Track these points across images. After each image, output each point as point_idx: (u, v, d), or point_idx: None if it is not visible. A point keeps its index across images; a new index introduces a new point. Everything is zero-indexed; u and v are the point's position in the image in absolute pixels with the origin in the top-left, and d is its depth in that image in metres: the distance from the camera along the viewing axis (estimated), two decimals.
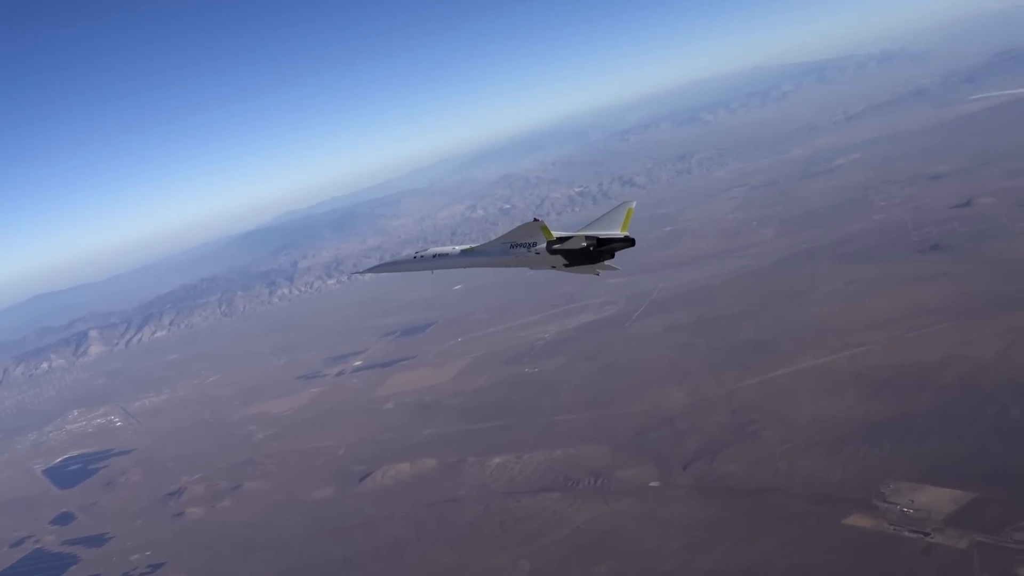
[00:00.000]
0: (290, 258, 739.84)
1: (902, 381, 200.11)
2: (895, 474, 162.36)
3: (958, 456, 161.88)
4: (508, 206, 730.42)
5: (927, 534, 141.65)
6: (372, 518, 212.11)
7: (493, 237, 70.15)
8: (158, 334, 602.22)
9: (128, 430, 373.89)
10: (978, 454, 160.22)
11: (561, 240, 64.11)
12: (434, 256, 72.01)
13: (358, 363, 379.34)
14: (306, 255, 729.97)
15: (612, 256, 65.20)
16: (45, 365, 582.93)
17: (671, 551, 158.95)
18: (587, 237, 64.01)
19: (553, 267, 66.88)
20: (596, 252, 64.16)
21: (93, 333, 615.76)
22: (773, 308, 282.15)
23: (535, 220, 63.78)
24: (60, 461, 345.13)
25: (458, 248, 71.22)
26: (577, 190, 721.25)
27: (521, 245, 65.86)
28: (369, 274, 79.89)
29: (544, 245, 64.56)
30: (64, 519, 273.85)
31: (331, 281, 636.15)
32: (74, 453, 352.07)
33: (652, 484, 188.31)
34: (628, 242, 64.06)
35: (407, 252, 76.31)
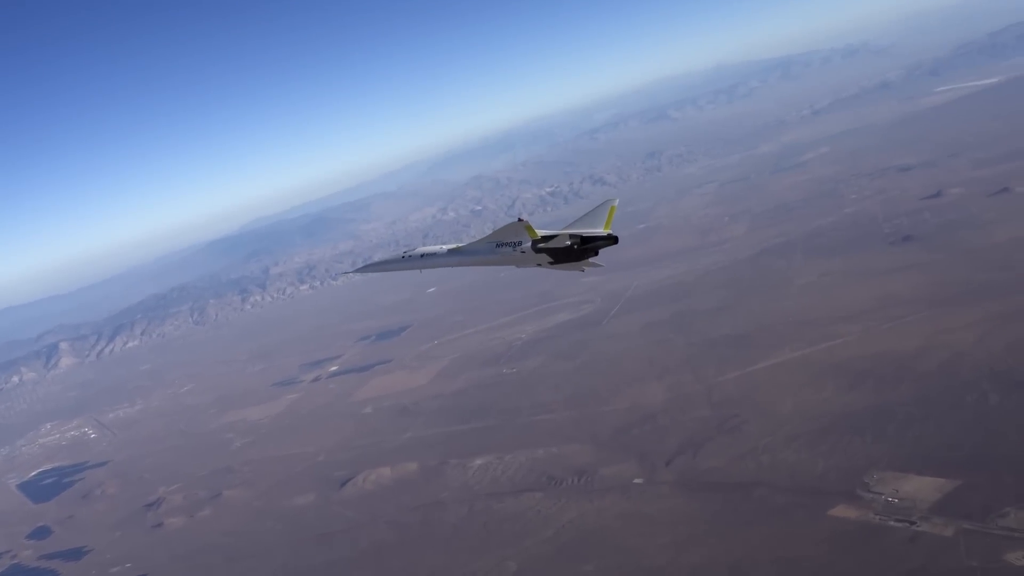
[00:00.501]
0: (261, 265, 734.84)
1: (881, 371, 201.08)
2: (878, 464, 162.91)
3: (940, 444, 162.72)
4: (479, 207, 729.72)
5: (913, 523, 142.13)
6: (355, 523, 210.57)
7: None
8: (130, 344, 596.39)
9: (103, 442, 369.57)
10: (960, 441, 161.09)
11: (546, 239, 64.04)
12: (422, 256, 72.22)
13: (334, 368, 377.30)
14: (277, 261, 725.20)
15: (596, 254, 65.26)
16: (15, 379, 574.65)
17: (657, 547, 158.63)
18: (571, 235, 64.04)
19: (539, 265, 66.96)
20: (580, 250, 64.20)
21: (63, 345, 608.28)
22: (749, 302, 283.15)
23: (519, 220, 63.66)
24: (34, 475, 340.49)
25: (445, 248, 71.36)
26: (548, 190, 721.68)
27: (507, 244, 65.78)
28: (358, 274, 79.84)
29: (529, 244, 64.55)
30: (41, 533, 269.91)
31: (304, 287, 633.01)
32: (48, 467, 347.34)
33: (636, 481, 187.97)
34: (611, 240, 64.04)
35: (395, 252, 76.07)
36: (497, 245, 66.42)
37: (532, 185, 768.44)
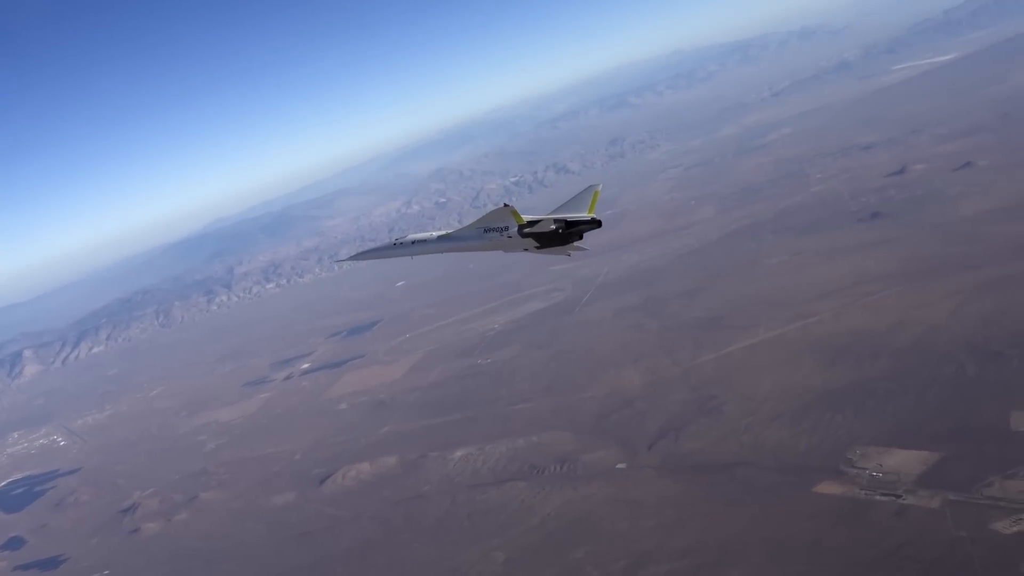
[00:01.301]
0: (225, 265, 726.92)
1: (857, 348, 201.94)
2: (861, 439, 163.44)
3: (921, 417, 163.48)
4: (444, 200, 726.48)
5: (899, 496, 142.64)
6: (337, 520, 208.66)
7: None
8: (95, 350, 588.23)
9: (73, 449, 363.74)
10: (941, 414, 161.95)
11: (531, 224, 66.17)
12: (412, 242, 74.80)
13: (306, 366, 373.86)
14: (241, 261, 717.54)
15: (581, 238, 67.46)
16: None
17: (646, 531, 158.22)
18: (556, 220, 66.25)
19: (525, 249, 69.45)
20: (565, 234, 66.38)
21: (27, 353, 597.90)
22: (721, 284, 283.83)
23: (505, 205, 65.97)
24: (4, 485, 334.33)
25: (435, 234, 73.88)
26: (512, 180, 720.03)
27: (494, 229, 67.83)
28: (353, 261, 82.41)
29: (516, 229, 66.59)
30: (14, 544, 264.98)
31: (270, 285, 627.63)
32: (18, 476, 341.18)
33: (619, 466, 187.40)
34: (595, 224, 66.60)
35: (385, 240, 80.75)
36: (485, 230, 68.48)
37: (496, 176, 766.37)
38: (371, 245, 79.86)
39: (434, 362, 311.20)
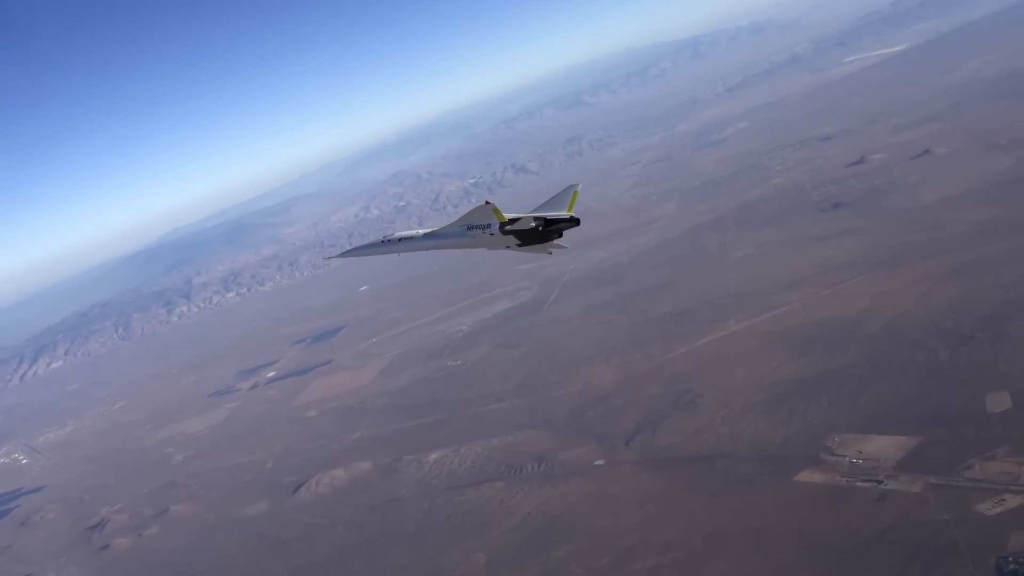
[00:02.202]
0: (183, 275, 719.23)
1: (828, 336, 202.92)
2: (838, 427, 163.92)
3: (896, 403, 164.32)
4: (403, 203, 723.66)
5: (880, 482, 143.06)
6: (313, 528, 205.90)
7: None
8: (54, 365, 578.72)
9: (35, 467, 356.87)
10: (916, 399, 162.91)
11: (512, 221, 66.96)
12: (399, 240, 75.49)
13: (272, 374, 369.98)
14: (200, 271, 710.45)
15: (560, 235, 68.65)
16: None
17: (628, 527, 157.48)
18: (535, 218, 67.13)
19: (508, 247, 70.27)
20: (545, 232, 67.50)
21: None
22: (688, 278, 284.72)
23: (487, 203, 66.60)
24: None
25: (421, 232, 74.52)
26: (471, 181, 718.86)
27: (477, 227, 68.74)
28: (340, 258, 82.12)
29: (497, 226, 67.44)
30: None
31: (230, 294, 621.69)
32: None
33: (597, 463, 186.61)
34: (573, 222, 67.71)
35: (374, 236, 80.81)
36: (468, 228, 69.50)
37: (454, 177, 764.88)
38: (360, 242, 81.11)
39: (403, 366, 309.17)
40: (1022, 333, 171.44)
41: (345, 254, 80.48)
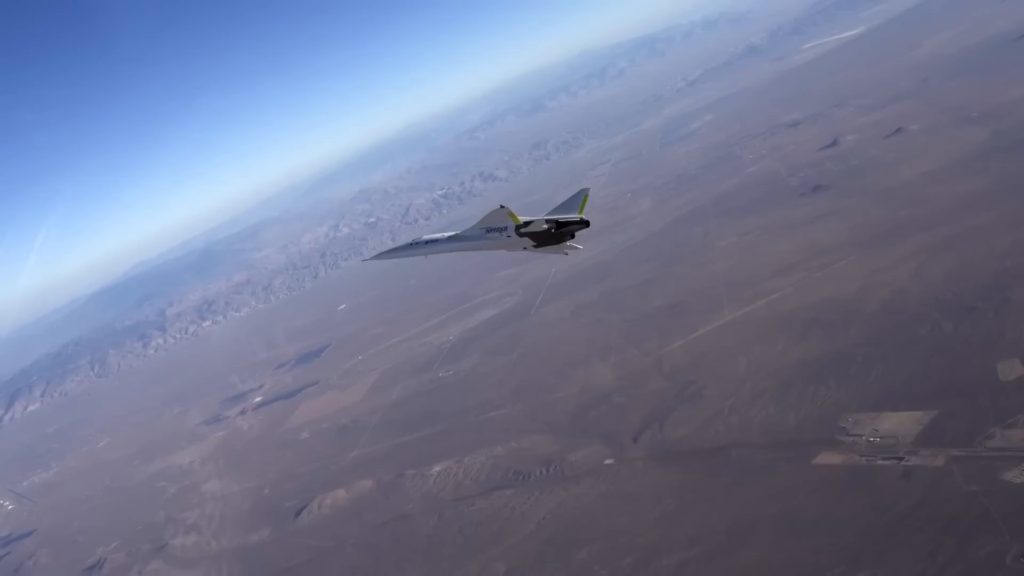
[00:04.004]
0: (156, 307, 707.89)
1: (826, 318, 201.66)
2: (850, 407, 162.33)
3: (906, 379, 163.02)
4: (373, 219, 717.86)
5: (901, 459, 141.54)
6: (320, 551, 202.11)
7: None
8: (31, 408, 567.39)
9: (22, 512, 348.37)
10: (925, 373, 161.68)
11: (526, 224, 71.18)
12: (427, 242, 79.95)
13: (258, 399, 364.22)
14: (172, 302, 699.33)
15: (572, 236, 72.96)
16: None
17: (648, 523, 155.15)
18: (547, 220, 71.58)
19: (524, 248, 74.35)
20: (557, 233, 71.57)
21: None
22: (675, 271, 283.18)
23: (501, 207, 70.85)
24: None
25: (446, 235, 78.79)
26: (440, 193, 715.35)
27: (495, 230, 73.09)
28: (375, 260, 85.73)
29: (513, 229, 71.58)
30: None
31: (206, 323, 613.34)
32: None
33: (607, 462, 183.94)
34: (584, 224, 71.89)
35: (405, 240, 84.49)
36: (487, 231, 73.95)
37: (422, 190, 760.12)
38: (390, 246, 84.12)
39: (393, 381, 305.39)
40: None
41: (380, 256, 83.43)
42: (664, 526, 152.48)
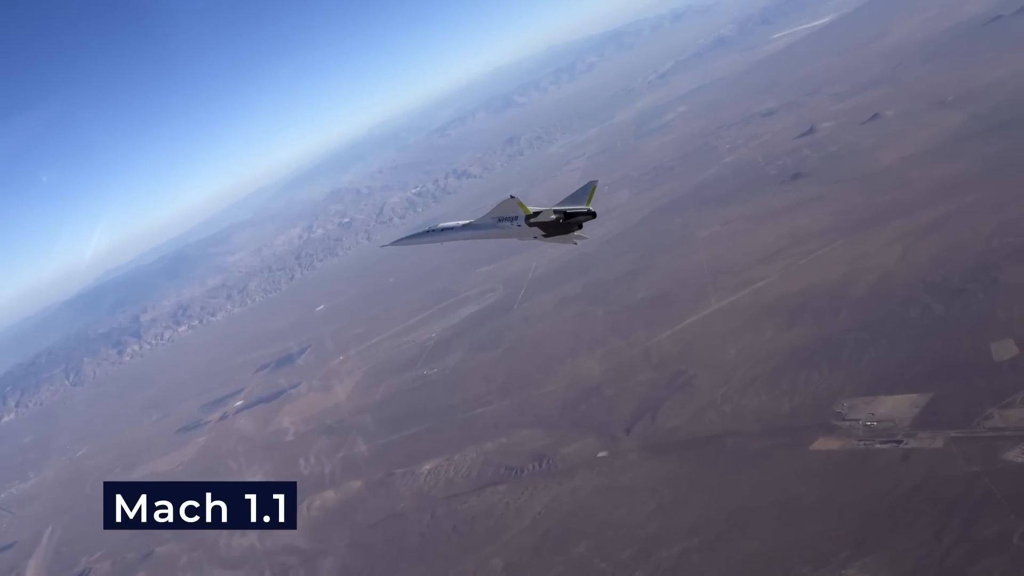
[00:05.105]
0: (129, 314, 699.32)
1: (815, 304, 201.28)
2: (844, 392, 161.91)
3: (899, 362, 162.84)
4: (347, 220, 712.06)
5: (900, 441, 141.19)
6: (312, 554, 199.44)
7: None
8: (5, 419, 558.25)
9: (1, 524, 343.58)
10: (918, 355, 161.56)
11: (535, 214, 73.74)
12: (443, 229, 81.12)
13: (239, 403, 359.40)
14: (146, 308, 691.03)
15: (580, 227, 75.90)
16: None
17: (646, 515, 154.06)
18: (555, 211, 74.19)
19: (535, 237, 76.56)
20: (565, 224, 74.75)
21: None
22: (658, 262, 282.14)
23: (511, 197, 73.19)
24: None
25: (461, 223, 79.88)
26: (414, 191, 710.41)
27: (506, 219, 75.30)
28: (393, 246, 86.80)
29: (523, 218, 73.80)
30: None
31: (182, 328, 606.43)
32: None
33: (600, 455, 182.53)
34: (591, 215, 75.26)
35: (423, 225, 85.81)
36: (499, 220, 76.14)
37: (395, 189, 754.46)
38: (408, 232, 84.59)
39: (376, 380, 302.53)
40: (1013, 279, 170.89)
41: (398, 242, 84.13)
42: (662, 517, 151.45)
